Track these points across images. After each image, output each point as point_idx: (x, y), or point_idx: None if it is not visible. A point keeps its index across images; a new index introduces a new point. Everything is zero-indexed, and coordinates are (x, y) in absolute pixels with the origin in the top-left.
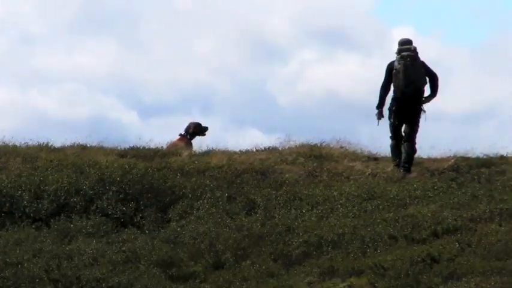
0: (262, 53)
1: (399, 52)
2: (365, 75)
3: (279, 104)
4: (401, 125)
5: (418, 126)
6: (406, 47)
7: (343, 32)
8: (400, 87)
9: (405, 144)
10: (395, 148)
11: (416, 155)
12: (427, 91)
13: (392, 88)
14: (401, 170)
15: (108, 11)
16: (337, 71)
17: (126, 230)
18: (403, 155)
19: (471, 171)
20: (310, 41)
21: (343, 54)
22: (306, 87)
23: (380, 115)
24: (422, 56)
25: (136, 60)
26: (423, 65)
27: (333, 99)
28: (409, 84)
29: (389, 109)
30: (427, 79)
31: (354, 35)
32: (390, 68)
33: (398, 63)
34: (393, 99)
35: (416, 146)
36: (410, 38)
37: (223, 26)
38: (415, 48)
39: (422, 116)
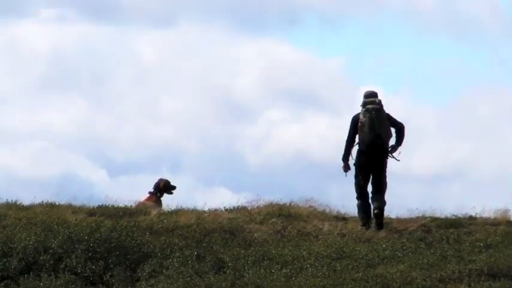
0: (231, 111)
1: (364, 105)
2: (334, 134)
3: (247, 163)
4: (367, 183)
5: (386, 178)
6: (370, 99)
7: (312, 92)
8: (366, 140)
9: (375, 197)
10: (362, 207)
11: (385, 215)
12: (392, 142)
13: (357, 141)
14: (375, 227)
15: (75, 68)
16: (306, 130)
17: None
18: (375, 210)
19: (440, 232)
20: (279, 101)
21: (311, 114)
22: (274, 146)
23: (346, 168)
24: (391, 113)
25: (105, 118)
26: (388, 117)
27: (301, 158)
28: (374, 137)
29: (355, 165)
30: (393, 131)
31: (322, 95)
32: (355, 120)
33: (364, 116)
34: (358, 152)
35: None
36: (381, 97)
37: (192, 84)
38: (380, 101)
39: (397, 156)
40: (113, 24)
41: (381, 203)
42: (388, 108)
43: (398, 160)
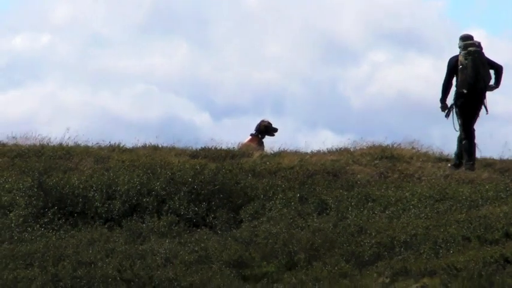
0: (334, 54)
1: (465, 47)
2: (437, 77)
3: (350, 105)
4: (473, 121)
5: (475, 122)
6: (471, 42)
7: (415, 34)
8: (467, 82)
9: (467, 141)
10: (468, 146)
11: (488, 156)
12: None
13: (455, 83)
14: (467, 168)
15: (179, 13)
16: (409, 72)
17: (199, 230)
18: (467, 152)
19: None
20: (382, 43)
21: (414, 56)
22: (377, 88)
23: (445, 108)
24: (492, 57)
25: (208, 62)
26: (487, 59)
27: (404, 100)
28: (477, 80)
29: (456, 106)
30: (492, 73)
31: (425, 37)
32: (453, 63)
33: (465, 59)
34: (458, 94)
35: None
36: (484, 39)
37: (295, 27)
38: (479, 43)
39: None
40: None
41: (474, 145)
42: (491, 50)
43: (487, 113)
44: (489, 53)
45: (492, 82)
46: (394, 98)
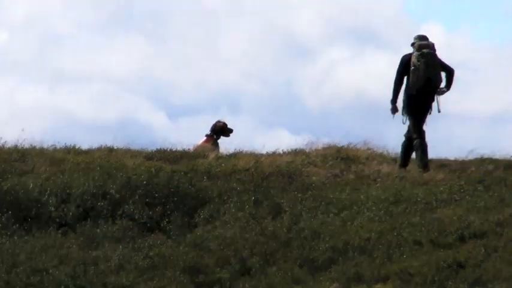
0: (291, 53)
1: (419, 48)
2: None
3: (307, 105)
4: (423, 122)
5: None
6: (425, 43)
7: (372, 31)
8: (418, 84)
9: (418, 141)
10: (420, 146)
11: (443, 157)
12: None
13: (406, 83)
14: (421, 169)
15: (135, 11)
16: (366, 71)
17: (153, 235)
18: (420, 152)
19: (498, 174)
20: (339, 41)
21: (372, 54)
22: (334, 87)
23: (394, 110)
24: (449, 53)
25: (165, 61)
26: (440, 61)
27: (361, 100)
28: (428, 83)
29: (407, 106)
30: (443, 75)
31: (382, 33)
32: (406, 62)
33: (418, 60)
34: (408, 95)
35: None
36: (440, 35)
37: (251, 26)
38: (433, 45)
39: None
40: None
41: (426, 146)
42: (447, 46)
43: (439, 111)
44: (445, 49)
45: (443, 85)
46: (351, 98)
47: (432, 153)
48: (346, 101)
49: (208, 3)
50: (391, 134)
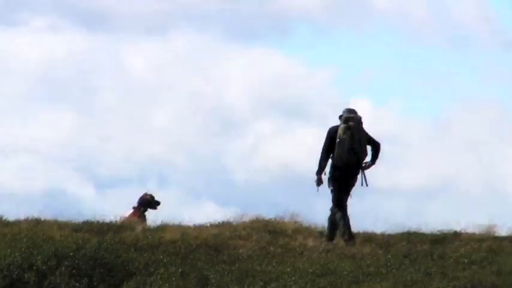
0: (219, 125)
1: (346, 121)
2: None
3: (234, 178)
4: (346, 196)
5: (349, 198)
6: (352, 116)
7: (300, 103)
8: (343, 157)
9: (340, 213)
10: (342, 218)
11: (369, 231)
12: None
13: (332, 156)
14: (346, 241)
15: (64, 82)
16: (294, 144)
17: None
18: (342, 225)
19: (425, 248)
20: (267, 113)
21: (300, 127)
22: (261, 161)
23: (320, 181)
24: (377, 128)
25: (93, 132)
26: (366, 135)
27: (288, 173)
28: (352, 155)
29: (331, 179)
30: (368, 149)
31: (311, 107)
32: (332, 133)
33: (344, 133)
34: (333, 167)
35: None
36: (368, 109)
37: (179, 98)
38: (360, 118)
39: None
40: (103, 33)
41: (347, 219)
42: (375, 120)
43: (367, 185)
44: (372, 123)
45: (369, 159)
46: (279, 171)
47: (359, 227)
48: (274, 174)
49: (137, 74)
50: (318, 208)
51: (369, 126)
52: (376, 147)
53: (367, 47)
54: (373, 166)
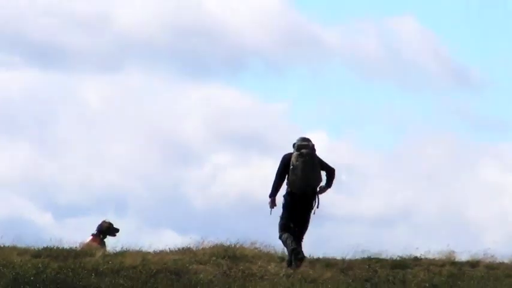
0: (177, 155)
1: (298, 148)
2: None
3: (193, 206)
4: (292, 220)
5: (308, 223)
6: (304, 143)
7: (257, 136)
8: (296, 184)
9: (295, 241)
10: (288, 239)
11: (331, 256)
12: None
13: (286, 182)
14: (287, 266)
15: (20, 113)
16: (251, 173)
17: None
18: (294, 250)
19: (385, 273)
20: (224, 145)
21: (256, 157)
22: (220, 189)
23: (273, 203)
24: (334, 158)
25: (50, 162)
26: (320, 161)
27: (246, 201)
28: (306, 182)
29: (283, 205)
30: (322, 176)
31: (266, 139)
32: (286, 160)
33: (296, 160)
34: (287, 193)
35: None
36: (324, 141)
37: (138, 129)
38: (313, 146)
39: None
40: (57, 69)
41: (300, 248)
42: (331, 152)
43: (314, 213)
44: (329, 154)
45: (323, 183)
46: (237, 199)
47: (319, 252)
48: (232, 202)
49: (93, 107)
50: (276, 234)
51: (327, 156)
52: (330, 171)
53: (320, 81)
54: (328, 190)
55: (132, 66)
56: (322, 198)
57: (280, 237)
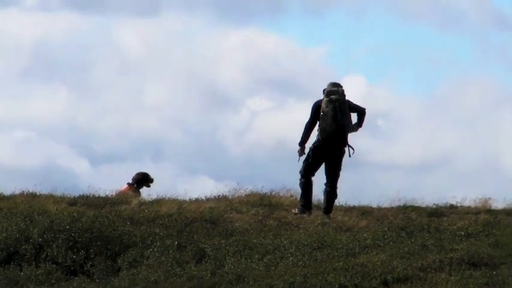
0: (214, 102)
1: (328, 94)
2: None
3: (229, 153)
4: (317, 168)
5: (340, 170)
6: (334, 89)
7: (295, 81)
8: (327, 130)
9: (327, 188)
10: (305, 186)
11: (366, 204)
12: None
13: (317, 128)
14: (322, 213)
15: (58, 58)
16: (288, 120)
17: (76, 278)
18: (325, 199)
19: (421, 221)
20: (262, 90)
21: (294, 104)
22: (256, 136)
23: (302, 151)
24: (372, 104)
25: (87, 108)
26: (349, 104)
27: (283, 148)
28: (336, 128)
29: (311, 149)
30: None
31: (305, 84)
32: (317, 107)
33: (327, 106)
34: (317, 139)
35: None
36: (363, 86)
37: (175, 74)
38: (343, 91)
39: (348, 154)
40: (96, 13)
41: (334, 195)
42: (370, 97)
43: (350, 156)
44: (367, 99)
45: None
46: (273, 146)
47: (355, 201)
48: (269, 149)
49: (131, 53)
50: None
51: (365, 102)
52: (360, 112)
53: (359, 25)
54: (359, 129)
55: (170, 9)
56: (359, 144)
57: (300, 179)
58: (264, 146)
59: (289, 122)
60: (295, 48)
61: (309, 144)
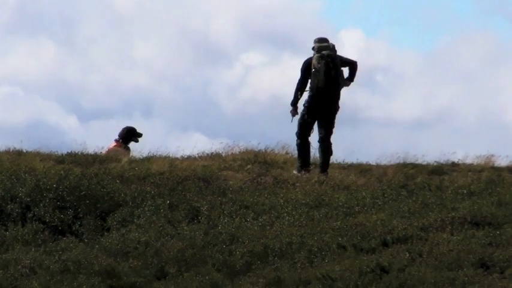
0: (206, 56)
1: (319, 50)
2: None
3: (223, 109)
4: (313, 124)
5: (333, 127)
6: (325, 44)
7: (289, 35)
8: (320, 86)
9: (321, 145)
10: (301, 147)
11: (364, 161)
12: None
13: (309, 86)
14: (319, 171)
15: (45, 13)
16: (283, 75)
17: (64, 238)
18: (320, 157)
19: (422, 179)
20: (255, 44)
21: (289, 59)
22: (250, 91)
23: (295, 112)
24: (370, 58)
25: (75, 63)
26: (341, 58)
27: (277, 104)
28: (328, 83)
29: (304, 105)
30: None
31: (300, 38)
32: (307, 65)
33: (318, 62)
34: (310, 96)
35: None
36: (360, 40)
37: (165, 29)
38: (333, 46)
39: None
40: None
41: (329, 152)
42: (367, 50)
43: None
44: (364, 53)
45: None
46: (268, 102)
47: (353, 158)
48: (263, 105)
49: (121, 7)
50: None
51: (362, 56)
52: (352, 65)
53: None
54: (351, 83)
55: None
56: (356, 99)
57: (297, 140)
58: (259, 102)
59: (284, 77)
60: (290, 1)
61: (300, 104)
